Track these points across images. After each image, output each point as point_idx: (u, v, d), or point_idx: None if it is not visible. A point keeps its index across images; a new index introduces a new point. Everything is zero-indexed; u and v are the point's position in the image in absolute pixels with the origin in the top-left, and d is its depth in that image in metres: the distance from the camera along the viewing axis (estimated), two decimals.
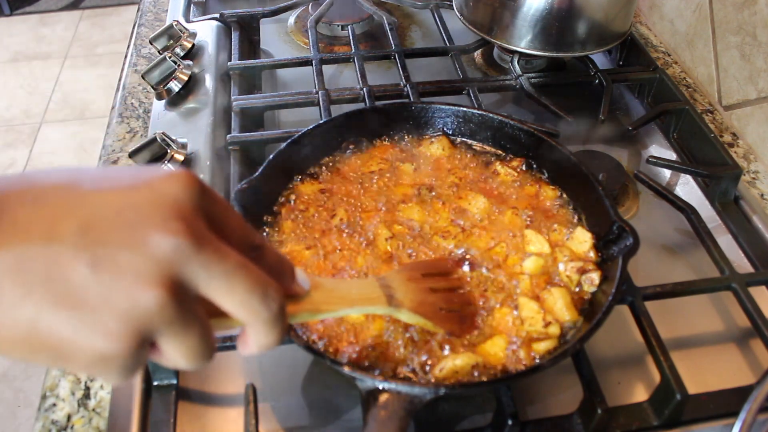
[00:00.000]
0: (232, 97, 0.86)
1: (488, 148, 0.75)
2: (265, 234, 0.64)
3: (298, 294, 0.43)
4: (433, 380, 0.54)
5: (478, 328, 0.57)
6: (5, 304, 0.31)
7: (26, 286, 0.31)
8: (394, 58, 0.94)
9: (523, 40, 0.90)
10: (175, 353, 0.35)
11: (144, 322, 0.32)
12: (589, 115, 0.89)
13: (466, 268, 0.62)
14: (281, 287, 0.38)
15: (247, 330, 0.38)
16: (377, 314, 0.56)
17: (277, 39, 1.10)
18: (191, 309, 0.34)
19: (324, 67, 0.92)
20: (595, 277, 0.61)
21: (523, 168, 0.72)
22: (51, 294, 0.31)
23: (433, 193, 0.69)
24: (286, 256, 0.43)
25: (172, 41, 0.94)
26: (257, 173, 0.64)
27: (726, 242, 0.74)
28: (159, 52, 0.94)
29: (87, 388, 0.61)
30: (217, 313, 0.37)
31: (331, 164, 0.72)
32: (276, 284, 0.37)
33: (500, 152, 0.74)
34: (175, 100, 0.86)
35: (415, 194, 0.68)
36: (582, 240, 0.64)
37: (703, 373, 0.64)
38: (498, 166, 0.72)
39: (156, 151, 0.76)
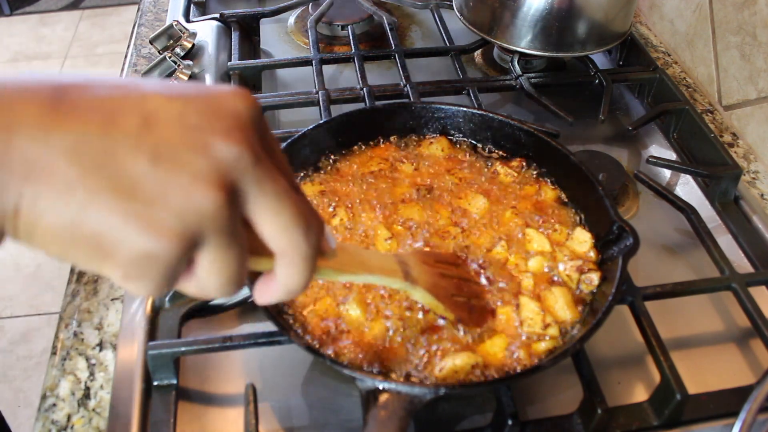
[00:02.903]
0: None
1: (488, 148, 0.75)
2: None
3: (325, 250, 0.41)
4: (433, 380, 0.54)
5: (486, 322, 0.57)
6: (57, 185, 0.29)
7: (82, 169, 0.29)
8: (394, 58, 0.94)
9: (523, 40, 0.90)
10: (211, 271, 0.33)
11: (196, 223, 0.30)
12: (589, 115, 0.89)
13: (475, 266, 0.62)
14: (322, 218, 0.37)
15: (278, 266, 0.36)
16: (392, 288, 0.56)
17: (277, 39, 1.10)
18: (236, 227, 0.32)
19: (324, 67, 0.92)
20: (594, 277, 0.61)
21: (524, 168, 0.72)
22: (106, 181, 0.29)
23: (433, 194, 0.69)
24: (316, 211, 0.42)
25: (172, 41, 0.94)
26: None
27: (726, 242, 0.74)
28: (159, 52, 0.94)
29: (87, 388, 0.61)
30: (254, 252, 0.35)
31: (331, 164, 0.72)
32: (320, 218, 0.36)
33: (500, 152, 0.74)
34: None
35: (414, 194, 0.68)
36: (582, 240, 0.64)
37: (703, 373, 0.64)
38: (498, 166, 0.72)
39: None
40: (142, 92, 0.32)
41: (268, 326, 0.56)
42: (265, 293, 0.38)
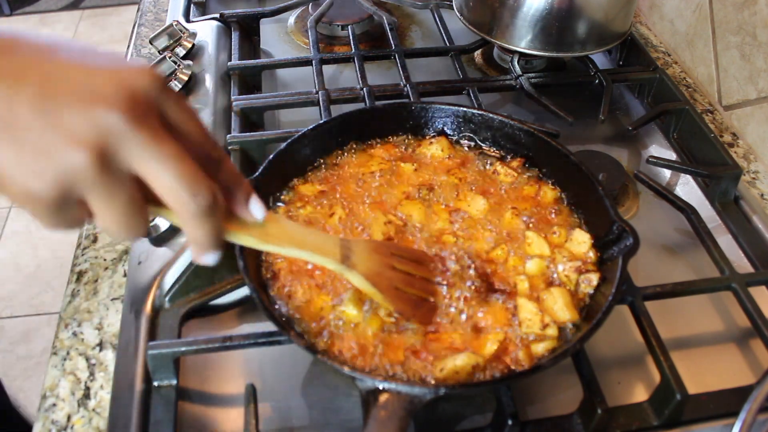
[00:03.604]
0: (232, 97, 0.86)
1: (488, 148, 0.75)
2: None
3: (244, 217, 0.47)
4: (433, 381, 0.54)
5: (430, 323, 0.57)
6: None
7: None
8: (394, 58, 0.94)
9: (523, 40, 0.90)
10: (100, 216, 0.39)
11: (67, 174, 0.37)
12: (589, 115, 0.89)
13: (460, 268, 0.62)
14: (220, 194, 0.42)
15: (180, 222, 0.42)
16: (332, 271, 0.57)
17: (277, 39, 1.10)
18: (118, 178, 0.38)
19: (324, 67, 0.92)
20: (593, 277, 0.61)
21: (524, 168, 0.72)
22: (3, 127, 0.36)
23: (433, 193, 0.69)
24: (246, 180, 0.47)
25: (172, 41, 0.94)
26: (257, 173, 0.64)
27: (726, 242, 0.75)
28: (159, 52, 0.94)
29: (87, 388, 0.61)
30: (157, 201, 0.41)
31: (331, 164, 0.72)
32: (211, 184, 0.41)
33: (500, 152, 0.74)
34: None
35: (415, 195, 0.68)
36: (581, 241, 0.64)
37: (703, 373, 0.64)
38: (498, 167, 0.72)
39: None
40: (54, 56, 0.39)
41: (268, 326, 0.56)
42: (192, 254, 0.45)
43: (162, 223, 0.68)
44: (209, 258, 0.44)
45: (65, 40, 0.40)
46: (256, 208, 0.47)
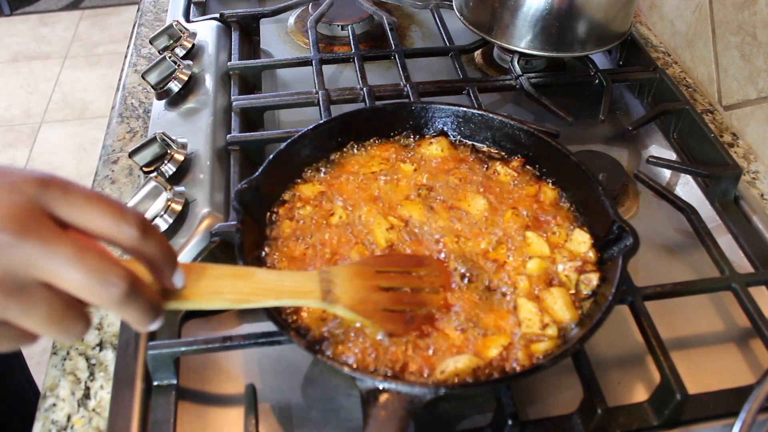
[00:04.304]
0: (232, 97, 0.86)
1: (488, 148, 0.75)
2: (265, 234, 0.64)
3: (171, 288, 0.45)
4: (433, 381, 0.53)
5: (424, 332, 0.56)
6: None
7: None
8: (394, 58, 0.94)
9: (523, 40, 0.90)
10: (34, 330, 0.40)
11: None
12: (589, 115, 0.89)
13: (462, 270, 0.61)
14: (132, 271, 0.41)
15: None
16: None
17: (277, 39, 1.10)
18: (28, 293, 0.38)
19: (324, 67, 0.92)
20: (593, 277, 0.61)
21: (524, 168, 0.72)
22: None
23: (434, 193, 0.69)
24: (170, 250, 0.45)
25: (172, 41, 0.94)
26: (257, 173, 0.64)
27: (726, 242, 0.75)
28: (159, 52, 0.94)
29: (87, 388, 0.61)
30: None
31: (331, 164, 0.72)
32: (119, 269, 0.40)
33: (500, 152, 0.74)
34: (175, 100, 0.86)
35: (415, 195, 0.68)
36: (581, 241, 0.64)
37: (703, 373, 0.64)
38: (498, 167, 0.72)
39: (156, 151, 0.76)
40: None
41: (268, 326, 0.56)
42: (131, 325, 0.44)
43: (161, 224, 0.68)
44: (153, 326, 0.43)
45: None
46: (177, 278, 0.45)
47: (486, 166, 0.72)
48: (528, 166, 0.72)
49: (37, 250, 0.37)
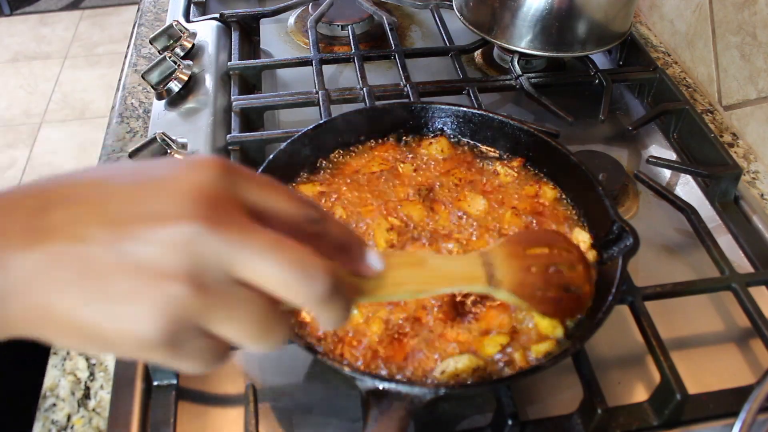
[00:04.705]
0: (232, 97, 0.86)
1: (488, 148, 0.75)
2: None
3: (367, 275, 0.41)
4: (433, 381, 0.53)
5: (578, 312, 0.57)
6: (48, 298, 0.33)
7: (61, 283, 0.32)
8: (394, 58, 0.94)
9: (523, 40, 0.90)
10: (232, 336, 0.35)
11: (174, 309, 0.32)
12: (589, 115, 0.89)
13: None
14: (333, 264, 0.37)
15: (310, 313, 0.38)
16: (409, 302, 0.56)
17: (277, 39, 1.10)
18: (229, 293, 0.34)
19: (324, 67, 0.92)
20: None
21: (526, 168, 0.72)
22: (84, 288, 0.32)
23: (433, 193, 0.69)
24: (355, 233, 0.41)
25: (172, 41, 0.94)
26: (257, 173, 0.64)
27: (726, 242, 0.74)
28: (159, 52, 0.94)
29: (87, 388, 0.61)
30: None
31: (331, 164, 0.72)
32: (322, 262, 0.35)
33: (500, 152, 0.74)
34: (175, 100, 0.86)
35: (415, 195, 0.68)
36: (580, 240, 0.64)
37: (703, 373, 0.64)
38: (498, 167, 0.72)
39: (156, 150, 0.76)
40: (110, 191, 0.35)
41: None
42: (322, 326, 0.40)
43: None
44: (339, 326, 0.39)
45: (112, 167, 0.37)
46: (374, 260, 0.41)
47: (486, 166, 0.72)
48: (528, 167, 0.72)
49: (233, 242, 0.33)
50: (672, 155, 0.87)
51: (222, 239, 0.33)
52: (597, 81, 0.92)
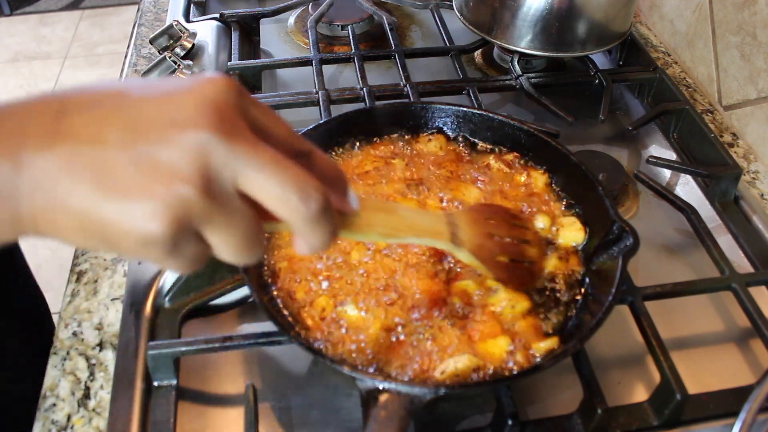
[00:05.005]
0: None
1: (487, 148, 0.74)
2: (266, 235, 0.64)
3: (346, 210, 0.44)
4: (434, 382, 0.53)
5: (529, 285, 0.59)
6: (61, 195, 0.35)
7: (76, 178, 0.34)
8: (394, 58, 0.94)
9: (523, 40, 0.90)
10: (220, 244, 0.37)
11: (181, 210, 0.34)
12: (589, 115, 0.89)
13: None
14: (326, 188, 0.39)
15: (293, 229, 0.39)
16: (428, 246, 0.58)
17: (277, 39, 1.10)
18: (229, 200, 0.36)
19: (324, 67, 0.92)
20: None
21: (519, 163, 0.72)
22: (98, 185, 0.34)
23: (423, 188, 0.69)
24: (340, 168, 0.44)
25: (172, 41, 0.94)
26: None
27: (726, 242, 0.74)
28: (159, 52, 0.94)
29: (87, 388, 0.61)
30: (267, 216, 0.38)
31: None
32: (317, 183, 0.38)
33: (498, 149, 0.74)
34: None
35: (405, 190, 0.68)
36: (566, 224, 0.66)
37: (703, 373, 0.64)
38: (491, 160, 0.72)
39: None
40: (129, 98, 0.37)
41: (268, 326, 0.56)
42: (299, 247, 0.41)
43: None
44: (318, 250, 0.42)
45: (130, 80, 0.39)
46: (353, 198, 0.44)
47: (480, 160, 0.73)
48: (522, 161, 0.72)
49: (244, 153, 0.35)
50: (672, 155, 0.87)
51: (231, 149, 0.35)
52: (597, 81, 0.92)
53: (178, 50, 0.92)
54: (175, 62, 0.86)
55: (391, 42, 0.97)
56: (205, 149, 0.35)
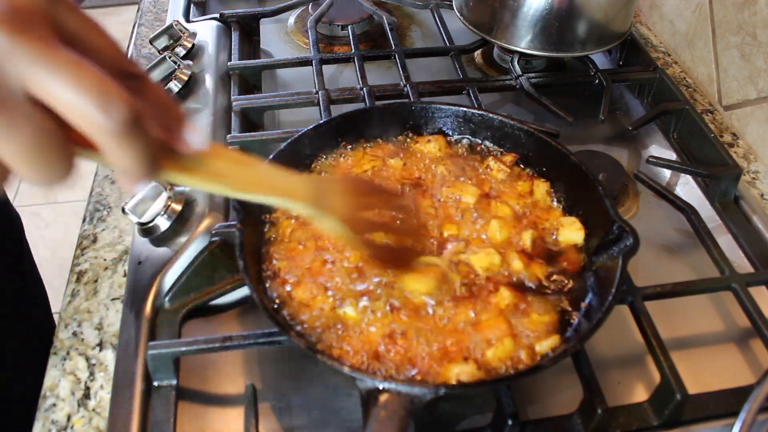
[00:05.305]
0: (232, 97, 0.86)
1: (487, 148, 0.74)
2: (265, 234, 0.64)
3: (180, 149, 0.40)
4: (434, 382, 0.53)
5: (403, 266, 0.58)
6: None
7: None
8: (394, 58, 0.94)
9: (523, 40, 0.90)
10: (7, 155, 0.33)
11: None
12: (589, 115, 0.89)
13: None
14: (138, 103, 0.35)
15: (103, 151, 0.35)
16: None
17: (277, 39, 1.10)
18: (11, 103, 0.33)
19: (324, 67, 0.92)
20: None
21: (519, 166, 0.72)
22: None
23: (420, 188, 0.69)
24: (176, 103, 0.40)
25: (172, 41, 0.94)
26: None
27: (726, 242, 0.74)
28: (159, 52, 0.94)
29: (87, 388, 0.61)
30: (81, 141, 0.35)
31: (328, 165, 0.72)
32: (127, 96, 0.34)
33: (498, 149, 0.74)
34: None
35: (402, 188, 0.68)
36: (570, 224, 0.65)
37: (703, 373, 0.64)
38: (491, 162, 0.72)
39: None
40: None
41: (268, 326, 0.56)
42: (121, 182, 0.38)
43: (162, 223, 0.68)
44: (140, 184, 0.38)
45: None
46: (194, 138, 0.40)
47: (479, 160, 0.73)
48: (521, 165, 0.72)
49: (33, 56, 0.32)
50: (672, 155, 0.87)
51: (19, 47, 0.32)
52: (597, 81, 0.92)
53: (178, 50, 0.92)
54: (175, 62, 0.86)
55: (391, 42, 0.97)
56: None
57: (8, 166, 0.34)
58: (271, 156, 0.66)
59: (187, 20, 1.02)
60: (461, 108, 0.74)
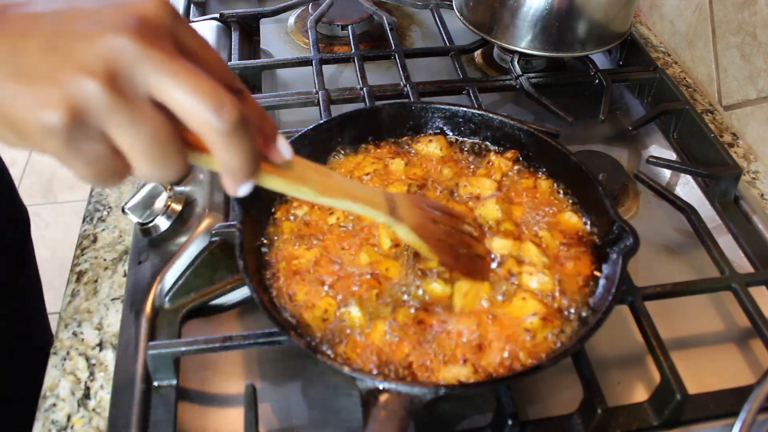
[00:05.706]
0: None
1: (487, 148, 0.74)
2: (265, 234, 0.64)
3: (272, 157, 0.44)
4: (434, 382, 0.53)
5: (477, 274, 0.58)
6: None
7: None
8: (394, 58, 0.94)
9: (523, 40, 0.90)
10: (126, 147, 0.37)
11: (80, 101, 0.35)
12: (589, 115, 0.89)
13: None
14: (245, 108, 0.39)
15: (212, 152, 0.39)
16: (376, 221, 0.57)
17: (277, 39, 1.10)
18: (137, 103, 0.37)
19: (324, 67, 0.92)
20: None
21: (519, 160, 0.72)
22: (11, 70, 0.36)
23: (426, 189, 0.69)
24: (270, 117, 0.45)
25: None
26: None
27: (726, 242, 0.75)
28: None
29: (87, 388, 0.61)
30: (191, 145, 0.39)
31: (328, 165, 0.72)
32: (233, 97, 0.38)
33: (498, 149, 0.74)
34: None
35: (406, 190, 0.68)
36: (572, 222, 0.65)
37: (703, 373, 0.64)
38: (492, 157, 0.72)
39: None
40: (62, 4, 0.38)
41: (268, 326, 0.56)
42: (225, 185, 0.42)
43: (162, 223, 0.68)
44: (244, 189, 0.42)
45: None
46: (284, 147, 0.44)
47: (481, 159, 0.73)
48: (522, 161, 0.72)
49: (158, 61, 0.36)
50: (672, 155, 0.87)
51: (146, 55, 0.36)
52: (597, 81, 0.92)
53: None
54: None
55: (391, 42, 0.97)
56: (119, 50, 0.36)
57: (129, 161, 0.38)
58: None
59: (187, 20, 1.02)
60: (461, 108, 0.74)
